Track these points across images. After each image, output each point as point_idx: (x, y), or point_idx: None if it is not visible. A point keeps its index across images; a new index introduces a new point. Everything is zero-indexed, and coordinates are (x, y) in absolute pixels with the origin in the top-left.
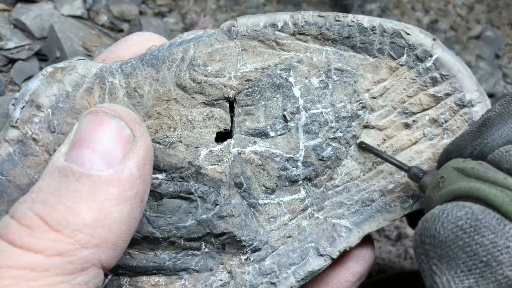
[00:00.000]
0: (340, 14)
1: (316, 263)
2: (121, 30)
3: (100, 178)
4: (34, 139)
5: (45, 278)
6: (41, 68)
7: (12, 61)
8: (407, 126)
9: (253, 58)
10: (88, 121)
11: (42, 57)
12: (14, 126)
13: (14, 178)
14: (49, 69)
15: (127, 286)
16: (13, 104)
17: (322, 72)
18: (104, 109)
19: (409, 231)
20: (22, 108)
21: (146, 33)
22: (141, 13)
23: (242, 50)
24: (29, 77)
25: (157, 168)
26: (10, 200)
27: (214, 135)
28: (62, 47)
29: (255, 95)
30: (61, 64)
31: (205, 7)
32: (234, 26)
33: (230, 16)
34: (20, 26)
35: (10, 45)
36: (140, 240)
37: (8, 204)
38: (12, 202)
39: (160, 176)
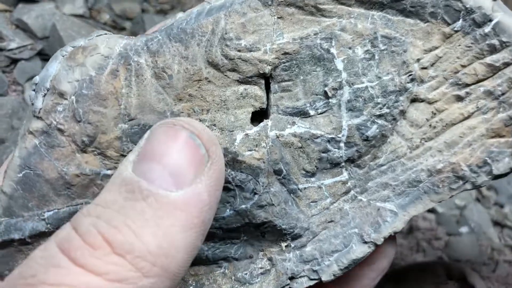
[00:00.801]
0: None
1: (360, 251)
2: (123, 28)
3: (168, 199)
4: (59, 129)
5: None
6: (43, 68)
7: (15, 61)
8: (459, 98)
9: (290, 27)
10: (161, 133)
11: (45, 57)
12: (37, 117)
13: (43, 172)
14: (69, 48)
15: None
16: (34, 90)
17: (367, 41)
18: (182, 122)
19: (421, 224)
20: (44, 96)
21: None
22: (143, 11)
23: (279, 18)
24: (32, 77)
25: None
26: (40, 195)
27: (249, 116)
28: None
29: (293, 69)
30: (81, 42)
31: None
32: None
33: None
34: (22, 26)
35: (13, 45)
36: None
37: (39, 199)
38: (42, 197)
39: None
